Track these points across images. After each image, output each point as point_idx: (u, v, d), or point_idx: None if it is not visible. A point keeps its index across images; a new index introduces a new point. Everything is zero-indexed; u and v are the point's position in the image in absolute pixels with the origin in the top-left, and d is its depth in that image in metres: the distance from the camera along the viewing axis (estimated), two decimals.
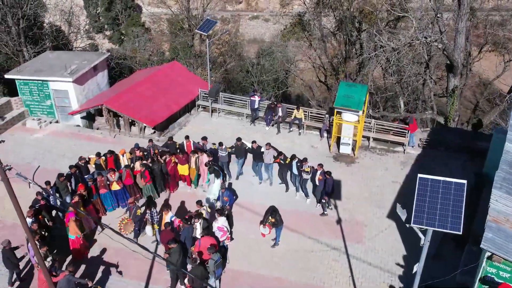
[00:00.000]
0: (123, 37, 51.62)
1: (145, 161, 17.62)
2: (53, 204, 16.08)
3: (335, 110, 19.68)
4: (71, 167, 17.20)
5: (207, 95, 24.02)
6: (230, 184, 18.51)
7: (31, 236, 9.89)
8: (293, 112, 22.14)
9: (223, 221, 14.82)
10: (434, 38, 24.24)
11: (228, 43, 42.06)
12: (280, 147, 19.58)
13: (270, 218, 14.90)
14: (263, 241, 15.71)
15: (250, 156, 19.12)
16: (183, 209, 17.31)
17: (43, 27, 35.23)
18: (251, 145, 18.49)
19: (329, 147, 21.17)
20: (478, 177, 17.49)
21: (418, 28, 24.96)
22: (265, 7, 67.42)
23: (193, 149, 18.58)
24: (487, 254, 10.80)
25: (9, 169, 8.92)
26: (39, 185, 10.73)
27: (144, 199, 17.52)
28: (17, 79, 23.91)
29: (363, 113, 19.80)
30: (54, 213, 16.28)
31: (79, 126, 24.08)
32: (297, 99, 41.37)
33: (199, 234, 14.32)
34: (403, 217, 9.59)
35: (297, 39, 37.30)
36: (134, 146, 18.86)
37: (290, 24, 37.26)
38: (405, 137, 20.63)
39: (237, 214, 16.87)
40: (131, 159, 18.23)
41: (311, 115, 22.62)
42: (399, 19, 30.75)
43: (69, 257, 14.96)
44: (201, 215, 14.59)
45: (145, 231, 15.77)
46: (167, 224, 14.34)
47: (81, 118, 24.13)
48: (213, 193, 16.95)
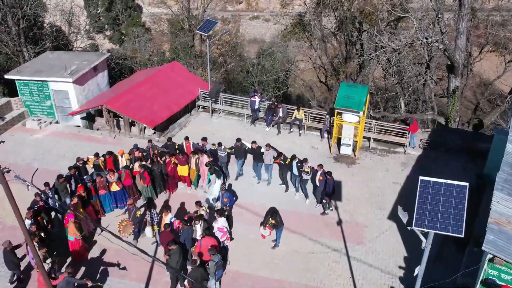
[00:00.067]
0: (123, 37, 51.58)
1: (144, 162, 17.58)
2: (52, 205, 16.03)
3: (336, 110, 19.63)
4: (70, 168, 17.16)
5: (207, 96, 23.97)
6: (230, 185, 18.46)
7: (30, 239, 9.83)
8: (293, 112, 22.09)
9: (223, 222, 14.80)
10: (435, 38, 24.17)
11: (228, 43, 42.00)
12: (280, 147, 19.52)
13: (270, 219, 14.85)
14: (263, 242, 15.67)
15: (250, 156, 19.09)
16: (183, 210, 17.24)
17: (43, 27, 35.16)
18: (251, 146, 18.45)
19: (330, 148, 21.12)
20: (479, 178, 17.44)
21: (418, 28, 24.89)
22: (266, 7, 67.39)
23: (192, 150, 18.54)
24: (489, 256, 10.74)
25: (8, 171, 8.86)
26: (37, 188, 10.69)
27: (142, 200, 17.50)
28: (17, 80, 23.86)
29: (363, 113, 19.75)
30: (53, 214, 16.24)
31: (79, 126, 24.04)
32: (297, 99, 41.31)
33: (199, 235, 14.27)
34: (404, 220, 9.52)
35: (297, 39, 37.24)
36: (133, 147, 18.82)
37: (290, 24, 37.19)
38: (405, 138, 20.58)
39: (237, 215, 16.82)
40: (130, 160, 18.19)
41: (311, 116, 22.56)
42: (399, 19, 30.71)
43: (69, 259, 14.93)
44: (201, 217, 14.54)
45: (144, 232, 15.74)
46: (166, 225, 14.30)
47: (81, 118, 24.09)
48: (213, 194, 16.92)
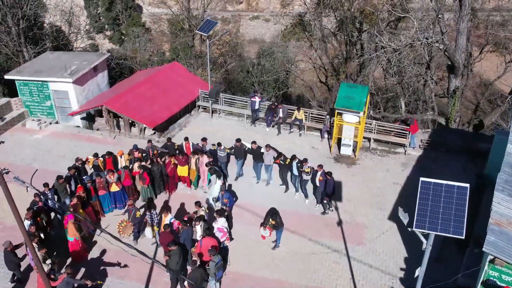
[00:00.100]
0: (123, 38, 51.57)
1: (143, 163, 17.54)
2: (52, 206, 15.99)
3: (336, 111, 19.61)
4: (69, 168, 17.13)
5: (207, 96, 23.95)
6: (230, 185, 18.44)
7: (29, 240, 9.80)
8: (293, 113, 22.06)
9: (222, 222, 14.78)
10: (435, 39, 24.15)
11: (228, 43, 41.99)
12: (280, 148, 19.50)
13: (270, 220, 14.82)
14: (263, 243, 15.64)
15: (250, 156, 19.06)
16: (182, 210, 17.19)
17: (43, 27, 35.16)
18: (250, 146, 18.43)
19: (330, 148, 21.09)
20: (479, 178, 17.42)
21: (419, 28, 24.87)
22: (266, 7, 67.38)
23: (192, 150, 18.51)
24: (489, 257, 10.71)
25: (7, 172, 8.84)
26: (36, 189, 10.67)
27: (141, 200, 17.46)
28: (17, 80, 23.84)
29: (364, 114, 19.73)
30: (52, 215, 16.19)
31: (79, 127, 24.01)
32: (297, 99, 41.30)
33: (199, 236, 14.24)
34: (405, 221, 9.49)
35: (297, 40, 37.22)
36: (132, 147, 18.79)
37: (290, 24, 37.16)
38: (406, 138, 20.56)
39: (237, 215, 16.80)
40: (130, 160, 18.15)
41: (311, 116, 22.53)
42: (400, 19, 30.69)
43: (69, 260, 14.89)
44: (201, 218, 14.52)
45: (144, 233, 15.72)
46: (166, 226, 14.26)
47: (81, 119, 24.06)
48: (213, 194, 16.89)
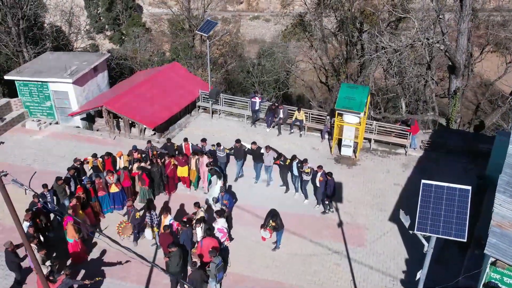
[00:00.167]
0: (123, 38, 51.50)
1: (143, 164, 17.47)
2: (51, 208, 15.91)
3: (336, 111, 19.56)
4: (69, 169, 17.08)
5: (207, 96, 23.91)
6: (229, 186, 18.39)
7: (27, 243, 9.74)
8: (294, 113, 22.00)
9: (222, 223, 14.76)
10: (436, 39, 24.09)
11: (228, 43, 41.94)
12: (281, 148, 19.46)
13: (271, 221, 14.75)
14: (264, 244, 15.58)
15: (250, 157, 19.01)
16: (182, 211, 17.17)
17: (44, 27, 35.14)
18: (250, 147, 18.38)
19: (330, 149, 21.03)
20: (480, 179, 17.37)
21: (419, 29, 24.80)
22: (266, 8, 67.29)
23: (191, 151, 18.47)
24: (491, 259, 10.65)
25: (5, 175, 8.79)
26: (34, 192, 10.61)
27: (138, 201, 17.38)
28: (17, 80, 23.80)
29: (364, 114, 19.67)
30: (52, 216, 16.12)
31: (79, 127, 23.97)
32: (297, 99, 41.24)
33: (200, 238, 14.18)
34: (406, 224, 9.42)
35: (298, 40, 37.11)
36: (132, 148, 18.74)
37: (291, 24, 37.06)
38: (406, 139, 20.50)
39: (237, 216, 16.75)
40: (129, 161, 18.10)
41: (312, 117, 22.48)
42: (400, 20, 30.60)
43: (69, 261, 14.85)
44: (202, 219, 14.46)
45: (144, 234, 15.67)
46: (166, 227, 14.21)
47: (81, 119, 24.02)
48: (213, 195, 16.85)
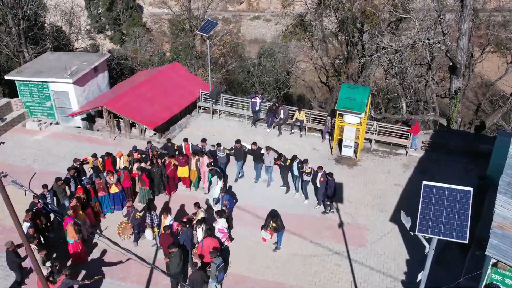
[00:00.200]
0: (124, 38, 51.47)
1: (142, 164, 17.43)
2: (51, 208, 15.88)
3: (337, 112, 19.53)
4: (69, 169, 17.05)
5: (208, 97, 23.88)
6: (230, 187, 18.36)
7: (27, 243, 9.72)
8: (294, 114, 21.97)
9: (223, 223, 14.75)
10: (436, 39, 24.04)
11: (229, 43, 41.90)
12: (281, 149, 19.43)
13: (271, 222, 14.72)
14: (264, 245, 15.55)
15: (250, 157, 18.98)
16: (182, 212, 17.16)
17: (44, 27, 35.08)
18: (250, 147, 18.36)
19: (331, 149, 21.00)
20: (481, 180, 17.33)
21: (420, 29, 24.75)
22: (267, 8, 67.23)
23: (191, 151, 18.45)
24: (492, 261, 10.62)
25: (5, 176, 8.77)
26: (34, 193, 10.58)
27: (137, 202, 17.35)
28: (17, 80, 23.79)
29: (365, 115, 19.64)
30: (52, 216, 16.08)
31: (79, 127, 23.96)
32: (298, 100, 41.20)
33: (200, 238, 14.16)
34: (407, 225, 9.38)
35: (298, 40, 37.08)
36: (132, 148, 18.71)
37: (291, 24, 37.04)
38: (407, 139, 20.46)
39: (238, 217, 16.72)
40: (129, 162, 18.07)
41: (312, 117, 22.44)
42: (401, 20, 30.56)
43: (69, 261, 14.82)
44: (202, 221, 14.44)
45: (144, 234, 15.65)
46: (166, 227, 14.19)
47: (81, 119, 24.01)
48: (214, 195, 16.83)
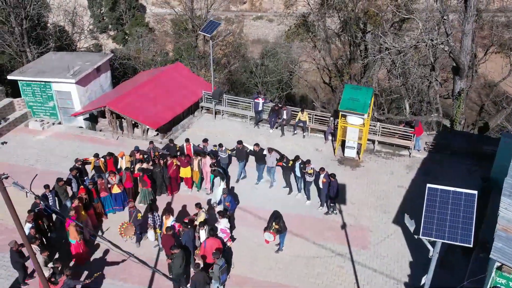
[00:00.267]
0: (127, 37, 51.52)
1: (144, 165, 17.36)
2: (53, 209, 15.85)
3: (340, 113, 19.46)
4: (71, 169, 17.03)
5: (210, 97, 23.85)
6: (232, 188, 18.31)
7: (28, 244, 9.68)
8: (297, 114, 21.91)
9: (225, 223, 14.70)
10: (440, 40, 23.94)
11: (232, 44, 41.87)
12: (284, 149, 19.38)
13: (274, 224, 14.64)
14: (266, 246, 15.49)
15: (252, 158, 18.93)
16: (184, 212, 17.12)
17: (47, 27, 35.15)
18: (253, 148, 18.30)
19: (334, 150, 20.94)
20: (484, 181, 17.25)
21: (423, 30, 24.66)
22: (269, 8, 67.14)
23: (193, 151, 18.39)
24: (497, 264, 10.55)
25: (6, 177, 8.72)
26: (36, 195, 10.52)
27: (138, 202, 17.29)
28: (20, 80, 23.79)
29: (368, 116, 19.57)
30: (54, 216, 16.06)
31: (82, 127, 23.96)
32: (301, 100, 41.14)
33: (203, 240, 14.11)
34: (411, 228, 9.31)
35: (301, 40, 37.00)
36: (134, 149, 18.67)
37: (294, 25, 36.95)
38: (410, 140, 20.37)
39: (240, 218, 16.68)
40: (131, 162, 18.04)
41: (315, 118, 22.38)
42: (404, 20, 30.46)
43: (71, 262, 14.78)
44: (205, 222, 14.39)
45: (147, 235, 15.62)
46: (168, 228, 14.15)
47: (84, 119, 24.02)
48: (216, 197, 16.78)
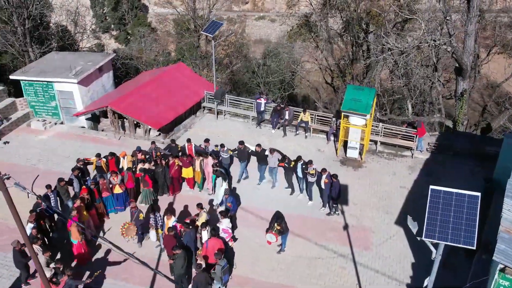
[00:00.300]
0: (129, 37, 51.59)
1: (146, 165, 17.34)
2: (55, 209, 15.85)
3: (343, 113, 19.42)
4: (73, 169, 17.04)
5: (212, 97, 23.83)
6: (234, 189, 18.29)
7: (30, 245, 9.69)
8: (299, 115, 21.88)
9: (227, 223, 14.70)
10: (442, 41, 23.88)
11: (234, 44, 41.86)
12: (286, 150, 19.36)
13: (276, 225, 14.61)
14: (268, 247, 15.43)
15: (254, 158, 18.91)
16: (185, 213, 17.10)
17: (49, 27, 35.20)
18: (254, 148, 18.28)
19: (336, 151, 20.90)
20: (487, 182, 17.20)
21: (426, 30, 24.60)
22: (271, 8, 67.16)
23: (195, 151, 18.39)
24: (500, 266, 10.50)
25: (8, 178, 8.73)
26: (37, 196, 10.52)
27: (138, 203, 17.28)
28: (22, 80, 23.82)
29: (370, 116, 19.54)
30: (56, 216, 16.07)
31: (84, 127, 23.97)
32: (303, 100, 41.12)
33: (205, 240, 14.10)
34: (414, 230, 9.27)
35: (303, 40, 36.99)
36: (136, 149, 18.67)
37: (296, 25, 36.94)
38: (413, 141, 20.32)
39: (242, 218, 16.67)
40: (133, 162, 18.04)
41: (317, 118, 22.34)
42: (407, 21, 30.41)
43: (73, 262, 14.79)
44: (207, 223, 14.37)
45: (149, 235, 15.61)
46: (170, 229, 14.14)
47: (86, 119, 24.02)
48: (218, 198, 16.77)
